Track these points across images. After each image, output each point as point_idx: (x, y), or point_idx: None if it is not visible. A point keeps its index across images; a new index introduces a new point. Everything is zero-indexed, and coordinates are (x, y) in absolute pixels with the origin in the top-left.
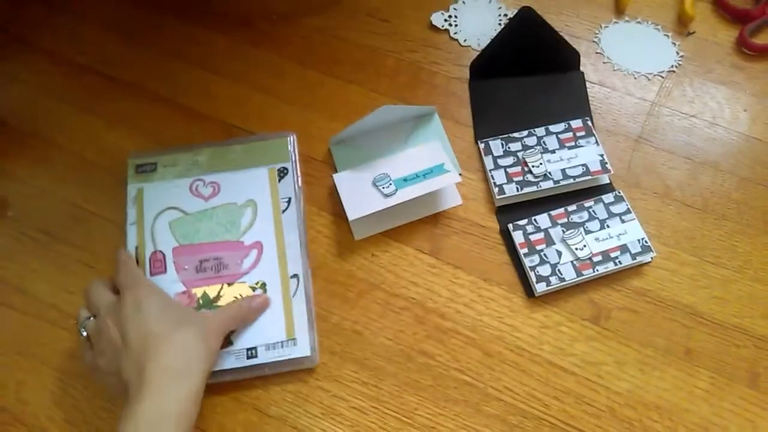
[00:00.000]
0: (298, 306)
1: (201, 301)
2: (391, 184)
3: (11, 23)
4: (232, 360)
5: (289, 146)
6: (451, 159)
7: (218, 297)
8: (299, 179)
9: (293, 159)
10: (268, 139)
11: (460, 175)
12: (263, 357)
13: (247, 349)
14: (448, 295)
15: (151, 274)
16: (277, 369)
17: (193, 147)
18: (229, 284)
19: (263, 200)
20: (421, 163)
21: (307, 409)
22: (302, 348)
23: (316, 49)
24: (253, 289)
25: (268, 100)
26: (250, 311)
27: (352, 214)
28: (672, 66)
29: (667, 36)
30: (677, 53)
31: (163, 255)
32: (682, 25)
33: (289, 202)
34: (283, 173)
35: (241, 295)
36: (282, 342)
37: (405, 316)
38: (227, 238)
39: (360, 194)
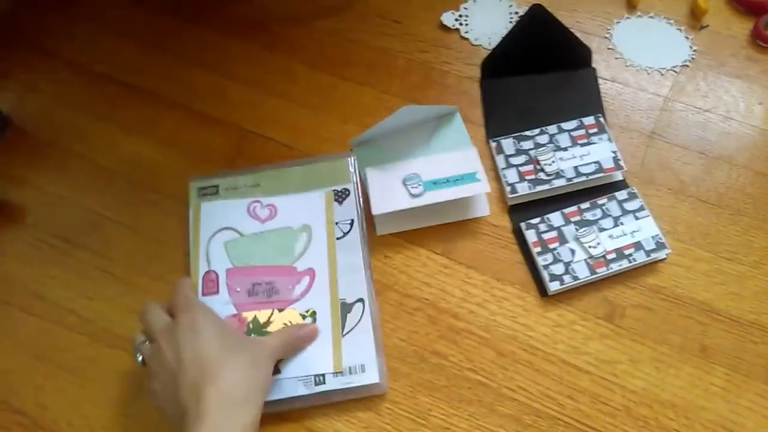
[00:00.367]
0: (363, 331)
1: (251, 326)
2: (420, 184)
3: (30, 33)
4: (300, 387)
5: (350, 167)
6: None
7: (268, 322)
8: (361, 200)
9: (354, 180)
10: (327, 160)
11: None
12: (332, 384)
13: (315, 376)
14: (461, 295)
15: (203, 294)
16: (346, 396)
17: (253, 169)
18: (280, 310)
19: (318, 225)
20: (453, 168)
21: (318, 408)
22: (371, 374)
23: (328, 51)
24: (303, 317)
25: (281, 104)
26: (300, 340)
27: (377, 209)
28: (685, 60)
29: (680, 30)
30: (690, 47)
31: (217, 275)
32: (695, 19)
33: (351, 224)
34: (344, 195)
35: (290, 322)
36: (350, 368)
37: (418, 317)
38: (281, 263)
39: (388, 190)
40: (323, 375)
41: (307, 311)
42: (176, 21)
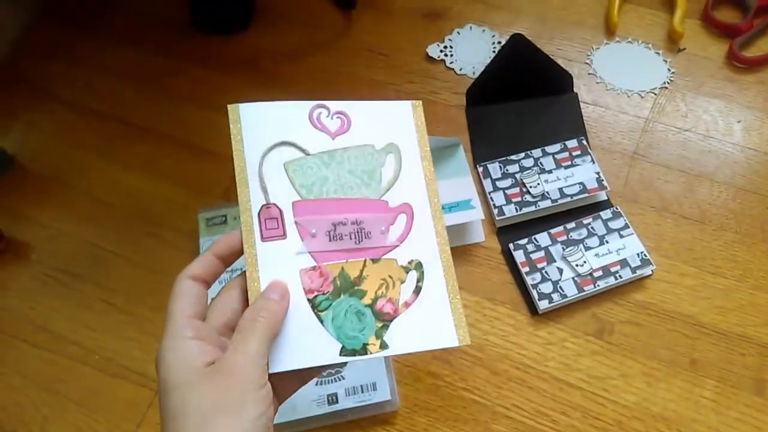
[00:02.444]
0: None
1: (338, 283)
2: None
3: (31, 77)
4: (313, 407)
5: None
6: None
7: (361, 278)
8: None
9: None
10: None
11: None
12: (344, 403)
13: (328, 395)
14: None
15: (263, 239)
16: (359, 414)
17: None
18: (375, 260)
19: (408, 144)
20: (449, 195)
21: (318, 430)
22: (382, 392)
23: (320, 84)
24: (406, 270)
25: None
26: (277, 314)
27: None
28: (664, 82)
29: (658, 53)
30: (669, 70)
31: (280, 211)
32: (672, 42)
33: None
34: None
35: (391, 278)
36: (362, 386)
37: None
38: (365, 195)
39: None
40: (335, 394)
41: (410, 263)
42: (171, 61)
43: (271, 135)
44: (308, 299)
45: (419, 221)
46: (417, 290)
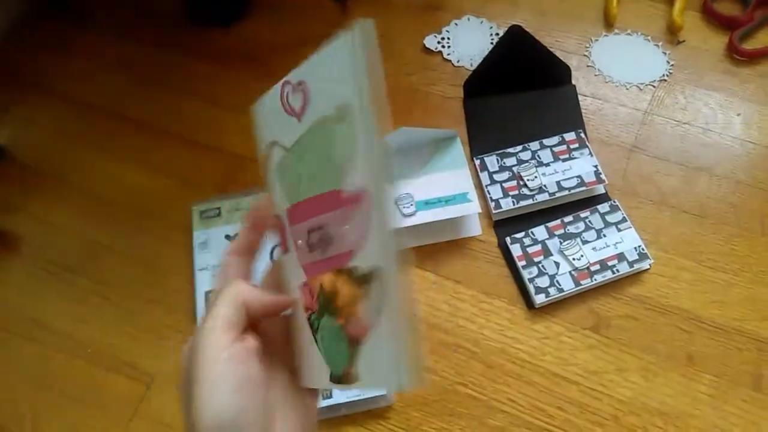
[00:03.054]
0: None
1: (321, 300)
2: (412, 204)
3: (26, 70)
4: None
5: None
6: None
7: (335, 293)
8: None
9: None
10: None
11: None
12: (339, 397)
13: (322, 390)
14: (449, 310)
15: (282, 252)
16: (354, 409)
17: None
18: (339, 272)
19: (360, 97)
20: (446, 188)
21: None
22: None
23: None
24: (368, 281)
25: None
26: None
27: None
28: (663, 75)
29: (658, 46)
30: (668, 62)
31: (282, 223)
32: (671, 35)
33: None
34: None
35: (356, 292)
36: None
37: None
38: (331, 186)
39: None
40: (330, 389)
41: (370, 272)
42: (167, 55)
43: (266, 135)
44: (307, 318)
45: (378, 211)
46: (380, 310)
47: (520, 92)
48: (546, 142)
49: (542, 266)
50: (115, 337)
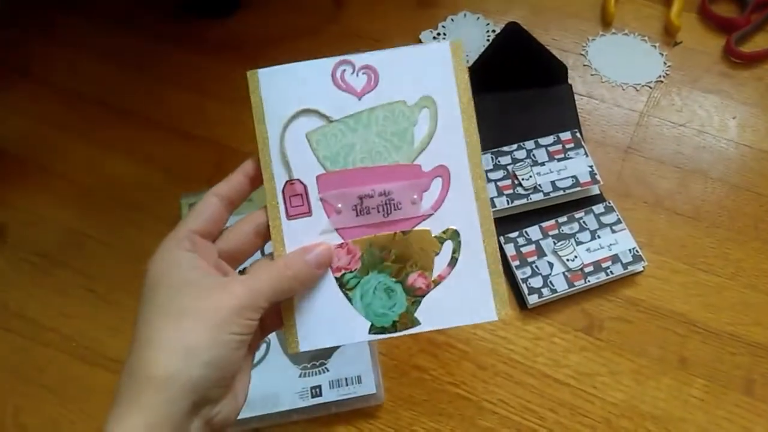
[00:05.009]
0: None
1: (366, 259)
2: None
3: (11, 56)
4: (297, 399)
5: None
6: None
7: (390, 252)
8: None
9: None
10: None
11: None
12: (328, 396)
13: (312, 388)
14: None
15: (289, 216)
16: (343, 407)
17: None
18: (405, 232)
19: (446, 96)
20: None
21: (298, 423)
22: (367, 385)
23: None
24: (441, 241)
25: None
26: (294, 279)
27: None
28: (660, 76)
29: (654, 47)
30: (665, 63)
31: (305, 186)
32: (668, 36)
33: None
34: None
35: (423, 251)
36: (346, 379)
37: None
38: (396, 159)
39: None
40: (319, 387)
41: (444, 232)
42: (155, 43)
43: (292, 103)
44: (336, 278)
45: (457, 185)
46: (453, 262)
47: (516, 90)
48: (541, 141)
49: (536, 266)
50: (100, 331)
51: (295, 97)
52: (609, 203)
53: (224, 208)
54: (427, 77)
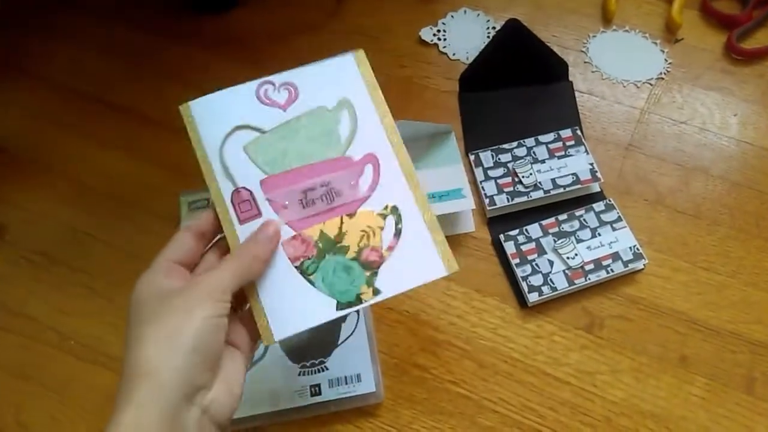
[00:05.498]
0: (359, 338)
1: (321, 245)
2: None
3: (9, 53)
4: (296, 398)
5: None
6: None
7: (341, 235)
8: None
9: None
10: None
11: None
12: (327, 394)
13: (311, 386)
14: (441, 307)
15: (241, 222)
16: (342, 406)
17: None
18: (350, 215)
19: (360, 95)
20: (439, 184)
21: (295, 422)
22: (367, 384)
23: None
24: (383, 216)
25: None
26: (257, 259)
27: None
28: (661, 73)
29: (655, 43)
30: (666, 60)
31: (250, 192)
32: (669, 33)
33: None
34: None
35: (370, 228)
36: (345, 377)
37: (398, 330)
38: (327, 156)
39: None
40: (318, 386)
41: (385, 208)
42: (156, 39)
43: (225, 123)
44: (296, 266)
45: (386, 167)
46: (398, 233)
47: (516, 87)
48: (542, 138)
49: (536, 264)
50: (99, 329)
51: (228, 118)
52: (609, 201)
53: (195, 240)
54: (340, 84)
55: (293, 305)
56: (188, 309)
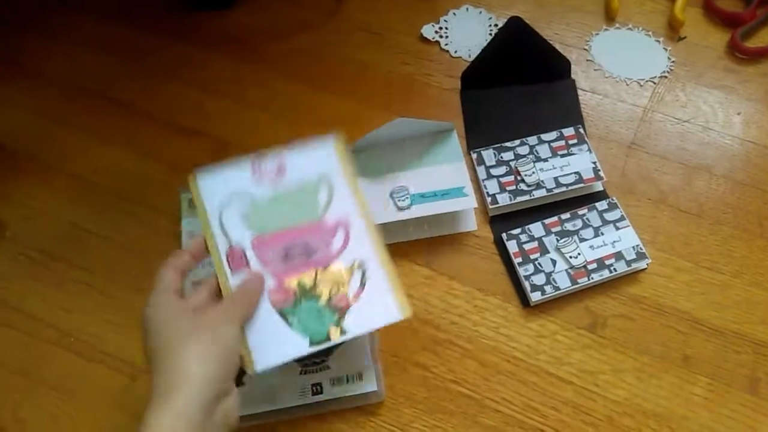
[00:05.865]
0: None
1: (298, 293)
2: (407, 198)
3: (8, 49)
4: (297, 397)
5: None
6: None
7: (315, 285)
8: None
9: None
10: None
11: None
12: (329, 393)
13: (312, 385)
14: (443, 306)
15: (232, 272)
16: (344, 405)
17: None
18: (324, 268)
19: (335, 172)
20: (441, 182)
21: (297, 421)
22: (368, 383)
23: (308, 65)
24: (351, 270)
25: (260, 117)
26: (253, 293)
27: None
28: (664, 71)
29: (659, 41)
30: (669, 58)
31: (242, 249)
32: (673, 31)
33: None
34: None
35: (340, 279)
36: (347, 376)
37: (400, 328)
38: (308, 220)
39: (374, 203)
40: (320, 384)
41: (353, 264)
42: (154, 36)
43: (225, 193)
44: (276, 310)
45: (355, 229)
46: (363, 284)
47: (519, 85)
48: (544, 137)
49: (538, 263)
50: (99, 326)
51: (227, 188)
52: (612, 200)
53: (178, 276)
54: (320, 162)
55: (273, 342)
56: (215, 327)
